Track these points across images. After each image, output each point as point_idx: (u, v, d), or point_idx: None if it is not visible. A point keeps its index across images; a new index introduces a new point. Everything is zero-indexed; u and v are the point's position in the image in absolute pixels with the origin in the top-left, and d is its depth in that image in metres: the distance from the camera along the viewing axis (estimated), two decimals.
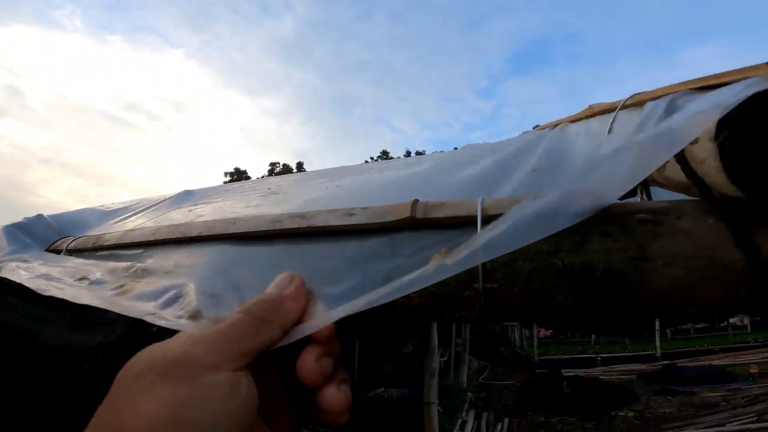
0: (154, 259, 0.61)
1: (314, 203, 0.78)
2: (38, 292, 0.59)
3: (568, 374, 8.92)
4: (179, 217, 0.88)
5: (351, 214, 0.50)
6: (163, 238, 0.65)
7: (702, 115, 0.39)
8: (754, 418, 5.51)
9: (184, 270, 0.53)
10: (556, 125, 1.23)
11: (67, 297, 0.54)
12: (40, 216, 1.18)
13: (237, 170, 43.09)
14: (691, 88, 0.50)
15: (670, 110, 0.48)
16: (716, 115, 0.38)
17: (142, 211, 1.13)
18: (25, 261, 0.83)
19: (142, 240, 0.70)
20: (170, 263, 0.57)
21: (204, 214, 0.84)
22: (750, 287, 0.44)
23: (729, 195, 0.44)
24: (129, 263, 0.62)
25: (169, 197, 1.20)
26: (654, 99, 0.57)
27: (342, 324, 0.38)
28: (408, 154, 42.37)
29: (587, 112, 0.89)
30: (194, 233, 0.60)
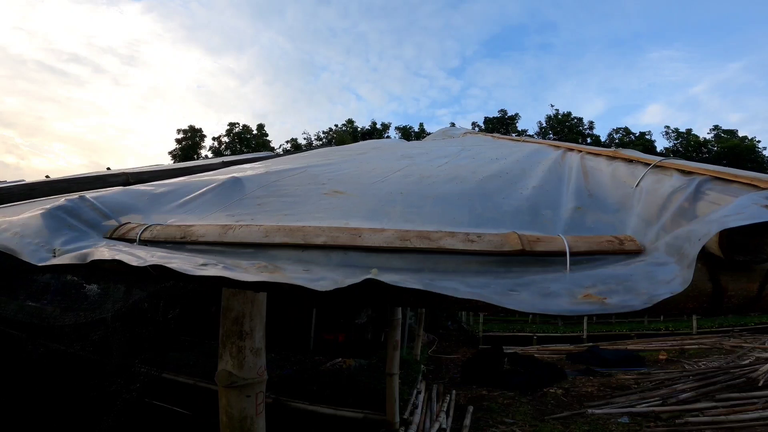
0: (283, 261, 0.71)
1: (391, 208, 0.91)
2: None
3: (508, 351, 9.76)
4: (258, 214, 0.96)
5: (471, 241, 0.65)
6: (280, 242, 0.76)
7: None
8: (659, 401, 6.44)
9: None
10: (570, 149, 1.44)
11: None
12: (83, 197, 1.14)
13: (191, 128, 40.49)
14: (712, 176, 0.71)
15: (697, 195, 0.69)
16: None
17: (196, 198, 1.17)
18: (133, 254, 0.83)
19: (251, 240, 0.79)
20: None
21: (288, 214, 0.94)
22: (710, 303, 0.74)
23: (713, 252, 0.68)
24: (260, 262, 0.71)
25: (217, 185, 1.24)
26: (679, 170, 0.78)
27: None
28: (374, 124, 42.19)
29: (610, 153, 1.10)
30: (318, 241, 0.72)
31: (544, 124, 39.12)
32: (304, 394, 5.37)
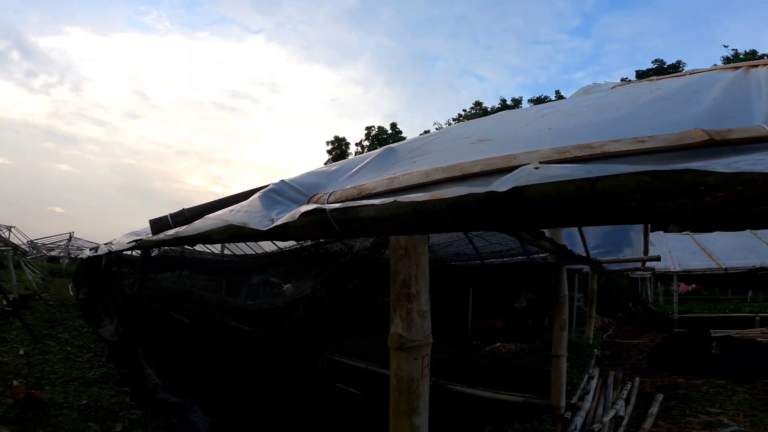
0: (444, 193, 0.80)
1: (542, 139, 0.90)
2: None
3: (717, 335, 7.98)
4: (414, 168, 1.08)
5: (642, 142, 0.61)
6: (440, 178, 0.85)
7: None
8: None
9: None
10: (754, 65, 1.15)
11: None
12: (283, 181, 1.48)
13: (337, 138, 45.33)
14: None
15: None
16: None
17: (359, 169, 1.38)
18: (325, 205, 1.07)
19: (414, 183, 0.91)
20: None
21: (441, 162, 1.03)
22: None
23: None
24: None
25: (375, 156, 1.44)
26: None
27: None
28: (503, 101, 39.80)
29: None
30: (475, 170, 0.78)
31: None
32: (462, 378, 5.37)
